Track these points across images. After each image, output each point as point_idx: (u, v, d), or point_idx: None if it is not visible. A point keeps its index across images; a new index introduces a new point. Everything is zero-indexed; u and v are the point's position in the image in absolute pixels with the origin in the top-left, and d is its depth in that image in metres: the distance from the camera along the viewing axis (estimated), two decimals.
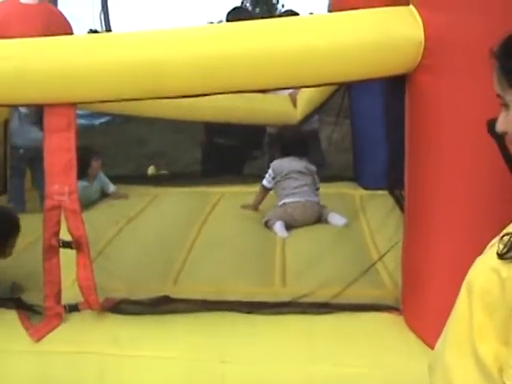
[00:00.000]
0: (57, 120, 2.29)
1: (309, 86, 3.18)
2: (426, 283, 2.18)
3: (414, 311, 2.27)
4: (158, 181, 4.64)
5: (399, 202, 3.54)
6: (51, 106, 2.29)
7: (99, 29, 10.75)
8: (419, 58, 2.07)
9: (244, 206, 3.65)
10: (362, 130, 3.86)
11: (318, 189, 3.52)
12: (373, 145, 3.77)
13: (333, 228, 3.32)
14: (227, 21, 4.28)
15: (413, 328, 2.27)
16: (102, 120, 7.96)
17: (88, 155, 3.84)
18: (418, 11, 2.10)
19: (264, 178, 3.55)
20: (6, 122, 4.05)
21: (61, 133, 2.28)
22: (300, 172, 3.46)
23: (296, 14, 4.07)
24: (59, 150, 2.29)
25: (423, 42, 2.05)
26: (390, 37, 2.12)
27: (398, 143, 3.50)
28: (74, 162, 2.30)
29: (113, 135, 7.39)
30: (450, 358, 1.13)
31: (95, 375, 2.28)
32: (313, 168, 3.55)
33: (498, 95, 1.12)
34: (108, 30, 10.45)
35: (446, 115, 2.02)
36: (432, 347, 2.08)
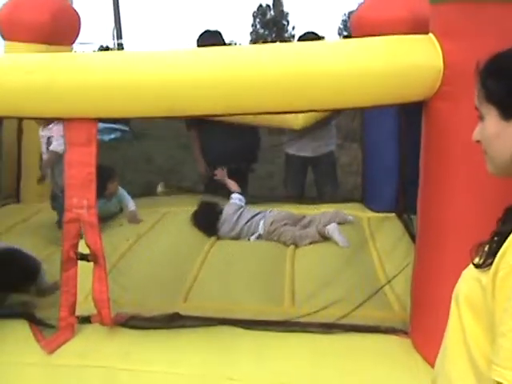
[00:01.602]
0: (77, 134, 2.33)
1: (327, 110, 3.21)
2: (434, 307, 2.19)
3: (422, 334, 2.29)
4: (167, 198, 4.65)
5: (407, 225, 3.58)
6: (71, 120, 2.33)
7: (111, 45, 10.97)
8: (438, 85, 2.11)
9: None
10: (374, 153, 3.89)
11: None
12: (383, 168, 3.80)
13: (341, 249, 3.33)
14: (198, 44, 4.14)
15: (420, 351, 2.28)
16: (112, 136, 8.03)
17: (105, 177, 3.62)
18: (438, 39, 2.14)
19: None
20: (20, 130, 4.10)
21: (82, 147, 2.32)
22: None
23: (317, 35, 4.11)
24: (79, 163, 2.32)
25: (442, 69, 2.09)
26: (410, 64, 2.17)
27: (409, 168, 3.58)
28: (94, 177, 2.34)
29: (122, 151, 7.44)
30: (450, 366, 1.22)
31: None
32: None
33: (477, 108, 1.24)
34: (120, 47, 10.66)
35: (462, 141, 2.05)
36: None
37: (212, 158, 4.29)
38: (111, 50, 11.24)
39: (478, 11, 2.00)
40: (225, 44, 4.33)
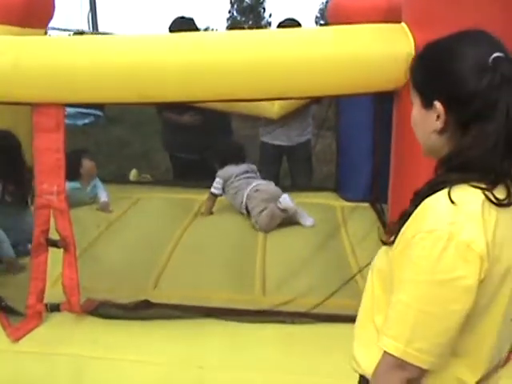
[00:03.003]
0: (45, 120, 2.29)
1: (299, 98, 3.20)
2: None
3: None
4: (139, 185, 4.62)
5: (380, 215, 3.60)
6: (39, 105, 2.29)
7: (86, 29, 10.79)
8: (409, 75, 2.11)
9: (201, 213, 3.80)
10: (348, 142, 3.90)
11: None
12: (357, 157, 3.81)
13: (314, 236, 3.34)
14: (170, 30, 4.15)
15: None
16: (86, 121, 7.91)
17: (78, 155, 3.75)
18: (410, 29, 2.15)
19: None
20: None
21: (49, 133, 2.28)
22: (247, 172, 3.81)
23: (297, 22, 4.09)
24: (48, 149, 2.29)
25: None
26: (381, 53, 2.18)
27: (383, 157, 3.59)
28: (63, 163, 2.31)
29: (95, 136, 7.35)
30: (358, 330, 1.41)
31: (72, 377, 2.26)
32: (254, 167, 3.94)
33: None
34: (96, 31, 10.50)
35: None
36: None
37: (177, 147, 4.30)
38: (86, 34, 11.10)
39: (449, 0, 2.02)
40: (197, 30, 4.31)
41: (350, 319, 2.36)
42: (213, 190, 3.79)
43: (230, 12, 16.50)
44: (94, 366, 2.27)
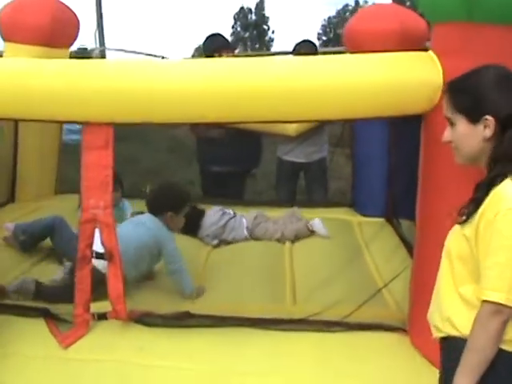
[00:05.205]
0: (95, 138, 2.43)
1: (332, 121, 3.36)
2: None
3: (420, 332, 2.44)
4: None
5: (397, 229, 3.76)
6: (89, 124, 2.44)
7: (93, 46, 10.98)
8: (437, 100, 2.28)
9: None
10: (364, 159, 4.06)
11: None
12: (373, 174, 3.97)
13: (334, 249, 3.50)
14: (203, 46, 4.48)
15: (418, 347, 2.45)
16: None
17: None
18: (438, 57, 2.31)
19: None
20: (17, 128, 4.14)
21: (99, 150, 2.42)
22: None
23: (312, 43, 4.26)
24: (97, 166, 2.43)
25: (441, 85, 2.25)
26: (411, 79, 2.33)
27: (397, 173, 3.76)
28: (111, 179, 2.45)
29: None
30: (443, 300, 1.69)
31: (118, 382, 2.39)
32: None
33: (447, 117, 1.73)
34: (102, 47, 10.69)
35: None
36: (435, 365, 2.27)
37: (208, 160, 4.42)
38: (89, 50, 11.24)
39: (476, 32, 2.17)
40: (228, 43, 4.56)
41: (380, 328, 2.56)
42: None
43: (233, 27, 16.76)
44: (139, 372, 2.39)
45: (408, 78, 2.34)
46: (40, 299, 2.74)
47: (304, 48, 4.30)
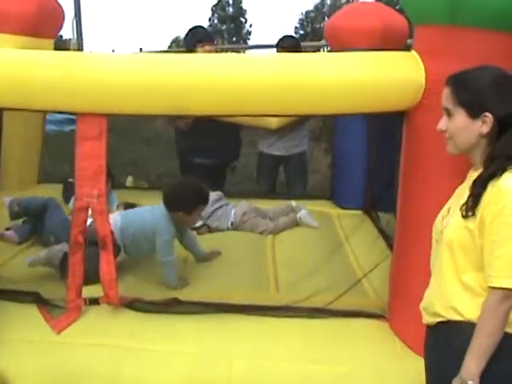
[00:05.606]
0: (90, 128, 2.50)
1: (319, 116, 3.47)
2: (412, 293, 2.47)
3: (399, 318, 2.58)
4: (136, 191, 4.77)
5: (375, 221, 3.90)
6: (85, 115, 2.50)
7: (71, 36, 10.91)
8: (419, 98, 2.39)
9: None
10: (344, 152, 4.18)
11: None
12: (352, 167, 4.09)
13: (315, 239, 3.63)
14: (185, 39, 4.58)
15: (397, 333, 2.59)
16: (72, 127, 8.00)
17: None
18: (421, 57, 2.43)
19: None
20: (0, 117, 4.13)
21: (93, 141, 2.49)
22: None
23: (295, 38, 4.34)
24: (91, 156, 2.49)
25: (424, 84, 2.36)
26: (395, 77, 2.44)
27: (376, 167, 3.89)
28: (104, 168, 2.52)
29: None
30: (446, 288, 1.80)
31: (111, 366, 2.47)
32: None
33: (446, 108, 1.83)
34: (80, 37, 10.62)
35: (440, 148, 2.33)
36: (414, 349, 2.40)
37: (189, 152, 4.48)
38: (67, 40, 11.17)
39: (459, 35, 2.28)
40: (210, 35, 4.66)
41: (361, 315, 2.69)
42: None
43: (210, 20, 16.74)
44: (131, 356, 2.48)
45: (391, 76, 2.44)
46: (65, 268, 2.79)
47: (287, 43, 4.40)
